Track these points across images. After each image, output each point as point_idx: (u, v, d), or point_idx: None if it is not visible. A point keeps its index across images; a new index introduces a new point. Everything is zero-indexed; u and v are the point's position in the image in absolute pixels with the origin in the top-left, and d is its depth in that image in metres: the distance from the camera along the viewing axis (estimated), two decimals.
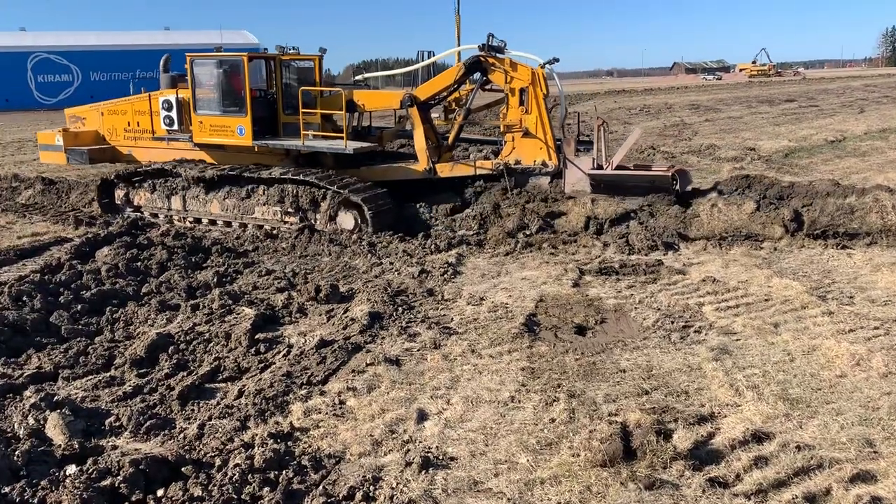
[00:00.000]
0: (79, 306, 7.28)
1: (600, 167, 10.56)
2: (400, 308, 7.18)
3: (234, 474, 4.12)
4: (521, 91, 10.98)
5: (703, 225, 9.73)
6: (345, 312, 7.06)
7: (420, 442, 4.62)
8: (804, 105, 36.84)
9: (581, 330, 6.64)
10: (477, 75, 11.49)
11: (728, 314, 6.85)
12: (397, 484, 4.13)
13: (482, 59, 11.04)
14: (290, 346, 6.29)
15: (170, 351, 6.16)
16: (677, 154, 19.10)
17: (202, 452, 4.46)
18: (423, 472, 4.22)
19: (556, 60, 11.23)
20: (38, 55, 71.79)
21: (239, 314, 7.09)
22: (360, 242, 10.00)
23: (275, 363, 5.92)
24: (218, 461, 4.33)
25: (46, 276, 8.09)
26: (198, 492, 3.98)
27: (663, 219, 10.02)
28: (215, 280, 8.28)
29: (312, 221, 11.02)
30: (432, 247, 9.67)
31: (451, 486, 4.12)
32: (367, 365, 5.80)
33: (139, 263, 8.85)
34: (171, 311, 7.33)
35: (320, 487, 4.09)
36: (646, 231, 9.68)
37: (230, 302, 7.41)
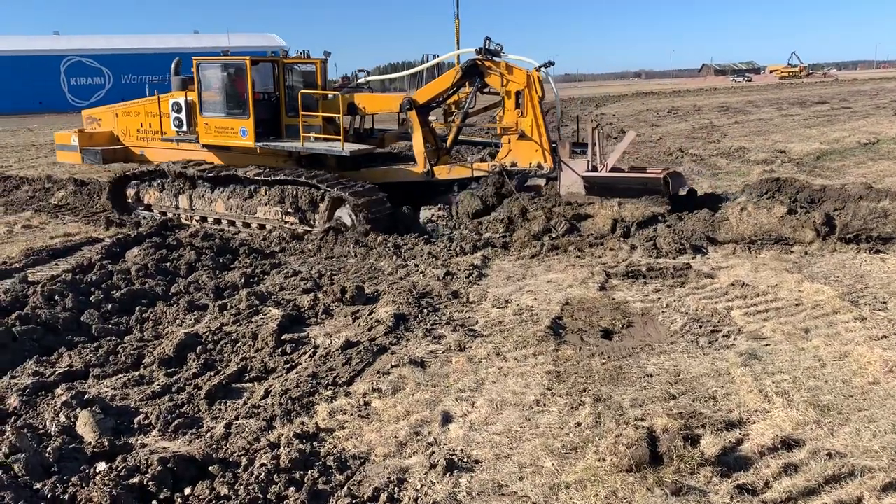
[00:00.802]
0: (109, 306, 7.39)
1: (595, 169, 10.61)
2: (425, 310, 7.19)
3: (261, 474, 4.15)
4: (517, 94, 11.11)
5: (733, 228, 9.62)
6: (370, 314, 7.09)
7: (445, 444, 4.61)
8: (836, 107, 36.27)
9: (607, 334, 6.59)
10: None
11: (757, 319, 6.75)
12: (422, 486, 4.13)
13: (479, 62, 11.20)
14: (316, 347, 6.32)
15: (198, 351, 6.23)
16: (706, 157, 18.90)
17: (229, 452, 4.50)
18: (447, 475, 4.22)
19: (552, 64, 11.34)
20: (70, 58, 73.11)
21: (266, 315, 7.15)
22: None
23: (301, 364, 5.96)
24: (244, 460, 4.36)
25: (78, 276, 8.23)
26: (224, 491, 4.01)
27: (691, 222, 9.92)
28: (243, 281, 8.36)
29: (311, 221, 11.27)
30: (457, 249, 9.67)
31: (476, 489, 4.11)
32: (392, 366, 5.81)
33: (168, 264, 8.97)
34: (200, 311, 7.41)
35: (345, 488, 4.10)
36: (674, 234, 9.58)
37: (257, 302, 7.48)
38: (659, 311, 7.10)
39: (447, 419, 4.95)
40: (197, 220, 12.50)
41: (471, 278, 8.36)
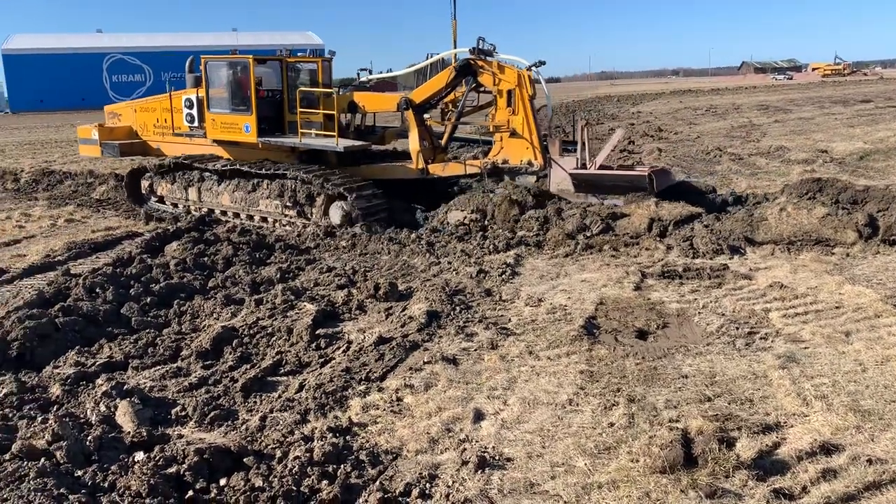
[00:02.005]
0: (148, 299, 7.53)
1: (584, 166, 10.74)
2: (457, 307, 7.19)
3: (294, 466, 4.20)
4: (509, 93, 11.32)
5: (771, 229, 9.45)
6: (403, 310, 7.12)
7: (476, 441, 4.61)
8: (881, 105, 35.39)
9: (642, 334, 6.52)
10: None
11: (796, 321, 6.63)
12: (453, 482, 4.14)
13: (472, 62, 11.46)
14: (350, 343, 6.37)
15: (234, 344, 6.32)
16: (744, 156, 18.60)
17: (263, 444, 4.56)
18: (479, 472, 4.22)
19: (543, 63, 11.61)
20: (112, 56, 74.63)
21: (300, 310, 7.22)
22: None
23: (334, 358, 6.01)
24: (278, 453, 4.41)
25: (118, 269, 8.40)
26: (259, 482, 4.06)
27: (729, 222, 9.77)
28: (278, 276, 8.46)
29: (309, 215, 11.60)
30: (490, 247, 9.65)
31: (507, 487, 4.10)
32: (425, 363, 5.83)
33: (206, 258, 9.11)
34: (236, 305, 7.51)
35: (377, 483, 4.13)
36: (711, 234, 9.45)
37: (292, 297, 7.56)
38: (695, 311, 7.01)
39: (479, 416, 4.95)
40: (226, 216, 12.82)
41: (504, 276, 8.34)
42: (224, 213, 12.70)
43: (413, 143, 11.99)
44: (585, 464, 4.30)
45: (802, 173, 14.59)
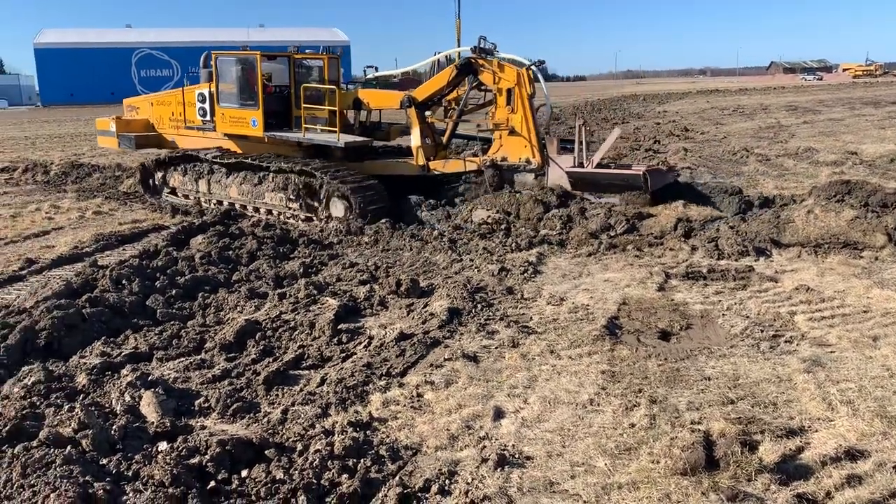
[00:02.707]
0: (173, 291, 7.62)
1: (581, 165, 10.97)
2: (479, 305, 7.19)
3: (315, 459, 4.23)
4: (508, 91, 11.49)
5: (798, 231, 9.33)
6: (424, 307, 7.13)
7: (496, 439, 4.61)
8: None
9: (665, 335, 6.47)
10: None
11: (822, 325, 6.54)
12: (472, 479, 4.14)
13: (473, 60, 11.66)
14: (371, 338, 6.39)
15: (257, 337, 6.38)
16: (772, 157, 18.37)
17: (285, 437, 4.60)
18: (498, 470, 4.22)
19: (542, 63, 11.84)
20: (141, 51, 75.57)
21: (323, 304, 7.26)
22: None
23: (356, 353, 6.04)
24: (299, 446, 4.45)
25: (144, 262, 8.51)
26: (280, 474, 4.10)
27: (755, 224, 9.67)
28: (301, 270, 8.51)
29: (311, 209, 11.86)
30: (513, 245, 9.63)
31: (527, 486, 4.10)
32: (446, 360, 5.84)
33: (230, 252, 9.19)
34: (260, 298, 7.58)
35: (397, 478, 4.14)
36: (736, 235, 9.35)
37: (315, 292, 7.60)
38: (719, 313, 6.94)
39: (499, 414, 4.95)
40: (248, 209, 13.04)
41: (526, 275, 8.32)
42: (232, 204, 12.98)
43: (415, 139, 12.25)
44: (606, 464, 4.28)
45: (831, 175, 14.38)
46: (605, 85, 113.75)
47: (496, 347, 6.16)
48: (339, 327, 6.60)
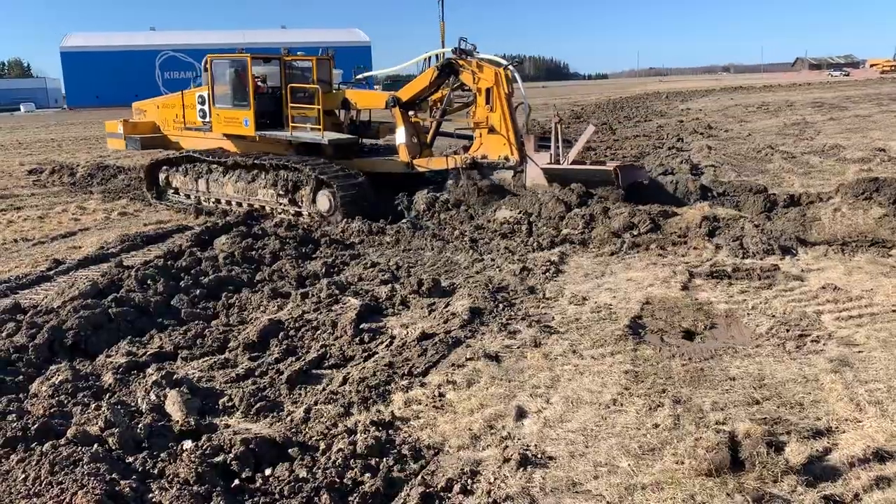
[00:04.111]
0: (197, 291, 7.69)
1: (558, 162, 11.29)
2: (500, 304, 7.17)
3: (338, 458, 4.24)
4: (487, 91, 11.78)
5: (825, 229, 9.21)
6: (446, 307, 7.13)
7: (518, 439, 4.60)
8: None
9: (689, 335, 6.41)
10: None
11: (850, 324, 6.43)
12: (495, 479, 4.13)
13: (453, 61, 12.00)
14: (393, 337, 6.41)
15: (280, 337, 6.42)
16: (797, 154, 18.13)
17: (308, 435, 4.62)
18: (520, 470, 4.20)
19: (520, 62, 12.47)
20: (165, 53, 76.45)
21: (345, 304, 7.29)
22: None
23: (378, 353, 6.05)
24: (322, 445, 4.47)
25: (169, 262, 8.60)
26: (303, 473, 4.12)
27: (781, 222, 9.56)
28: (323, 270, 8.55)
29: (299, 203, 12.30)
30: (534, 244, 9.60)
31: (549, 486, 4.08)
32: (467, 359, 5.83)
33: (254, 252, 9.26)
34: (282, 298, 7.62)
35: (419, 477, 4.14)
36: (762, 234, 9.23)
37: (337, 292, 7.63)
38: (744, 312, 6.87)
39: (521, 414, 4.94)
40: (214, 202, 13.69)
41: (547, 274, 8.29)
42: (229, 202, 13.39)
43: (400, 138, 12.62)
44: (629, 464, 4.25)
45: (858, 172, 14.16)
46: (627, 83, 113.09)
47: (518, 347, 6.14)
48: (361, 327, 6.62)
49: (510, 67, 11.86)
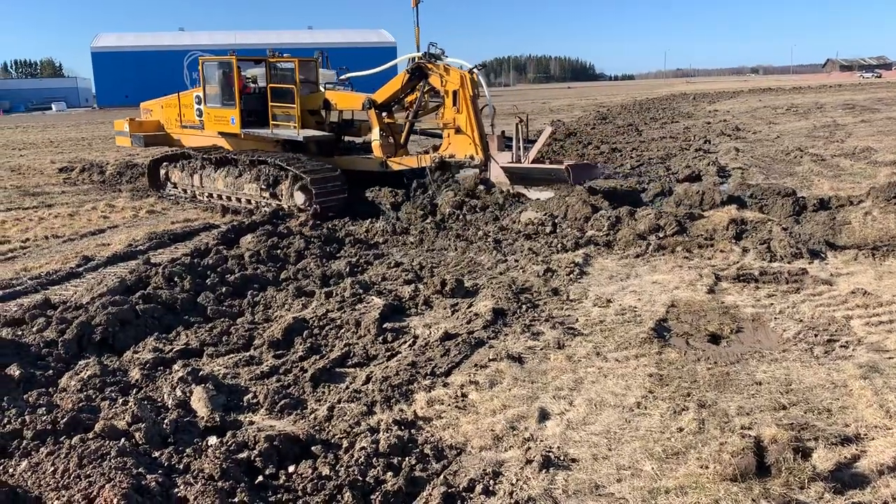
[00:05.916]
0: (223, 289, 7.76)
1: (519, 161, 11.81)
2: (524, 306, 7.16)
3: (360, 457, 4.26)
4: (454, 93, 12.35)
5: (855, 233, 9.06)
6: (469, 307, 7.12)
7: (541, 441, 4.58)
8: None
9: (715, 338, 6.35)
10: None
11: (880, 330, 6.33)
12: (517, 480, 4.12)
13: (423, 65, 12.57)
14: (416, 337, 6.42)
15: (304, 335, 6.46)
16: (827, 157, 17.86)
17: (331, 433, 4.65)
18: (543, 471, 4.19)
19: (484, 66, 12.79)
20: (192, 53, 77.12)
21: (368, 303, 7.32)
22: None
23: (401, 352, 6.07)
24: (345, 443, 4.49)
25: (195, 260, 8.70)
26: (326, 471, 4.14)
27: (810, 225, 9.43)
28: (347, 270, 8.59)
29: (280, 198, 12.74)
30: (558, 246, 9.56)
31: (572, 488, 4.06)
32: (490, 360, 5.82)
33: (279, 251, 9.33)
34: (307, 297, 7.67)
35: (441, 477, 4.15)
36: (790, 237, 9.11)
37: (361, 291, 7.67)
38: (771, 317, 6.78)
39: (544, 416, 4.92)
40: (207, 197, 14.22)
41: (572, 276, 8.25)
42: (220, 196, 13.84)
43: (375, 138, 13.24)
44: (653, 468, 4.22)
45: (890, 175, 13.91)
46: (654, 84, 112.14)
47: (541, 349, 6.12)
48: (385, 326, 6.64)
49: (475, 71, 12.39)
